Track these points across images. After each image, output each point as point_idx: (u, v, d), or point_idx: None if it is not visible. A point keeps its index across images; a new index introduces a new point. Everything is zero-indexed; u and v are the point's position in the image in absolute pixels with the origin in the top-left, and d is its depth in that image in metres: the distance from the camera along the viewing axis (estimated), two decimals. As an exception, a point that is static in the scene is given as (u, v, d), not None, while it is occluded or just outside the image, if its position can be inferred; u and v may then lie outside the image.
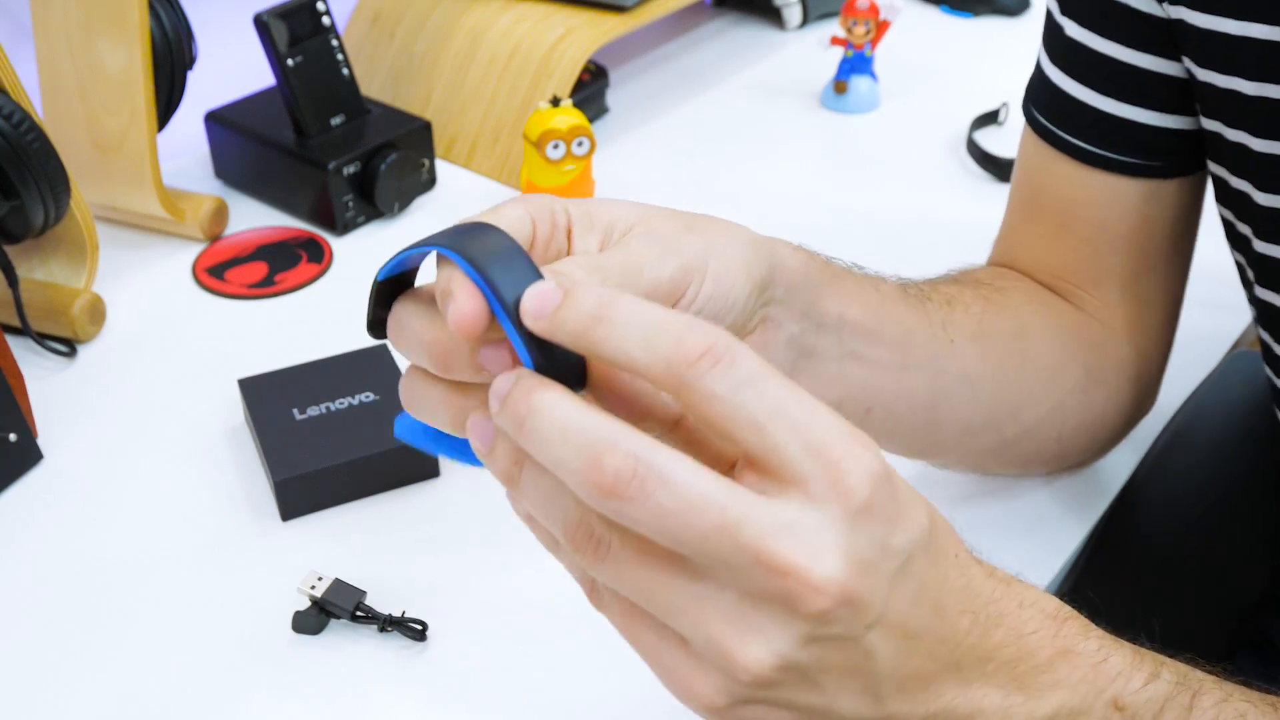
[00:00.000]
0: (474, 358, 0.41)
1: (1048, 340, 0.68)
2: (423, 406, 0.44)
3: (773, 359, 0.50)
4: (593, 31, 1.08)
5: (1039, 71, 0.71)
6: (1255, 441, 0.80)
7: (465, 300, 0.39)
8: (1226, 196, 0.66)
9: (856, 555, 0.36)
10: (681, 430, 0.42)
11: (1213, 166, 0.66)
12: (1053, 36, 0.69)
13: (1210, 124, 0.64)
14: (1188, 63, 0.63)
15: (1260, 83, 0.59)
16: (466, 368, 0.42)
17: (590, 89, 1.14)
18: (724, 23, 1.35)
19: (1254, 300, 0.67)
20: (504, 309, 0.39)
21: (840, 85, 1.18)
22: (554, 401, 0.37)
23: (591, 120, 1.13)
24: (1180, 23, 0.62)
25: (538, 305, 0.38)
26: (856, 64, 1.17)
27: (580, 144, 0.98)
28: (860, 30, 1.16)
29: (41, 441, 0.79)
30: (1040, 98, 0.71)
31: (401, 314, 0.43)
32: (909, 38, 1.29)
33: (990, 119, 1.14)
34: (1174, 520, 0.70)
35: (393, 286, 0.44)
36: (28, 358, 0.86)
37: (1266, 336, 0.66)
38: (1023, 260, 0.73)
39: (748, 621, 0.36)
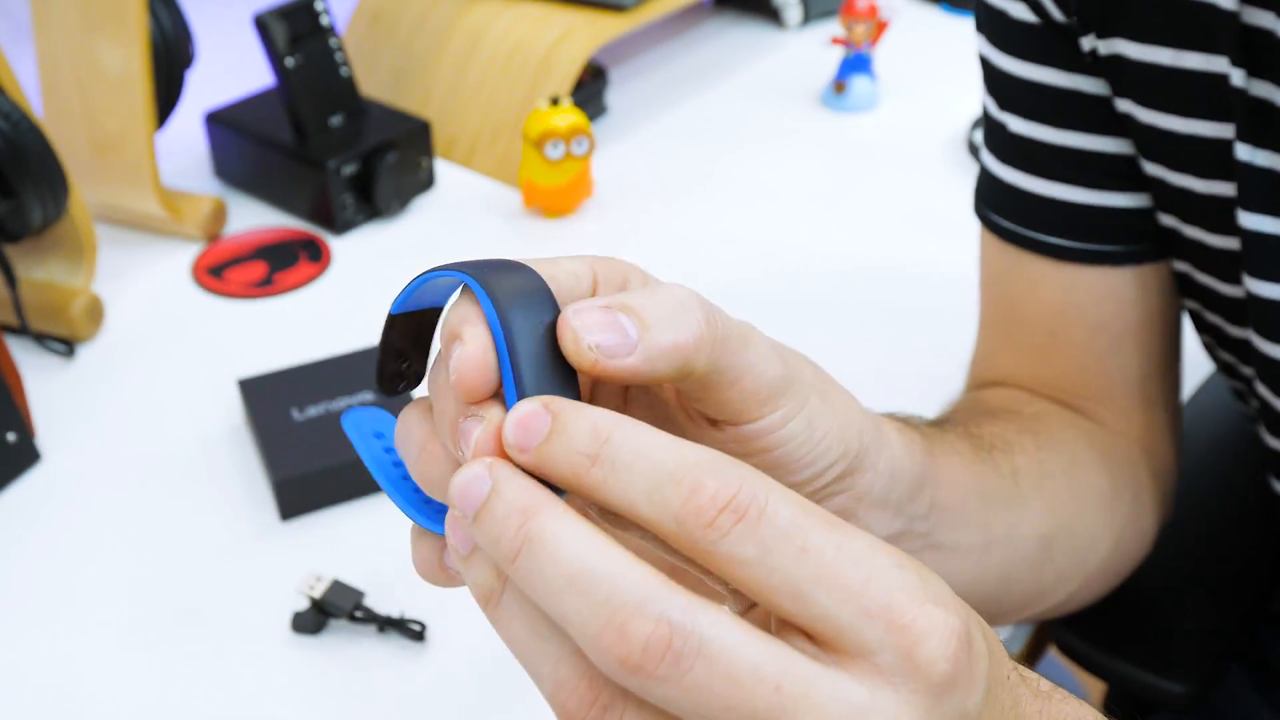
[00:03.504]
0: (455, 433, 0.33)
1: (1095, 469, 0.61)
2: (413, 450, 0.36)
3: None
4: (592, 31, 1.08)
5: (987, 174, 0.65)
6: (1245, 454, 0.77)
7: (480, 346, 0.32)
8: (1192, 289, 0.62)
9: None
10: None
11: (1176, 263, 0.62)
12: (996, 135, 0.63)
13: (1167, 219, 0.59)
14: (1140, 159, 0.59)
15: (1211, 180, 0.55)
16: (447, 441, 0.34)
17: (590, 89, 1.14)
18: (724, 22, 1.35)
19: (1234, 371, 0.64)
20: (510, 355, 0.32)
21: (840, 85, 1.18)
22: (562, 533, 0.29)
23: (591, 120, 1.13)
24: (1129, 116, 0.57)
25: (520, 435, 0.31)
26: (856, 63, 1.17)
27: (579, 143, 0.98)
28: (860, 30, 1.16)
29: (39, 442, 0.79)
30: (995, 200, 0.64)
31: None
32: (909, 37, 1.29)
33: (990, 119, 1.14)
34: (1165, 534, 0.68)
35: (413, 325, 0.36)
36: (26, 358, 0.86)
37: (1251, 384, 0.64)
38: (1016, 381, 0.66)
39: None
